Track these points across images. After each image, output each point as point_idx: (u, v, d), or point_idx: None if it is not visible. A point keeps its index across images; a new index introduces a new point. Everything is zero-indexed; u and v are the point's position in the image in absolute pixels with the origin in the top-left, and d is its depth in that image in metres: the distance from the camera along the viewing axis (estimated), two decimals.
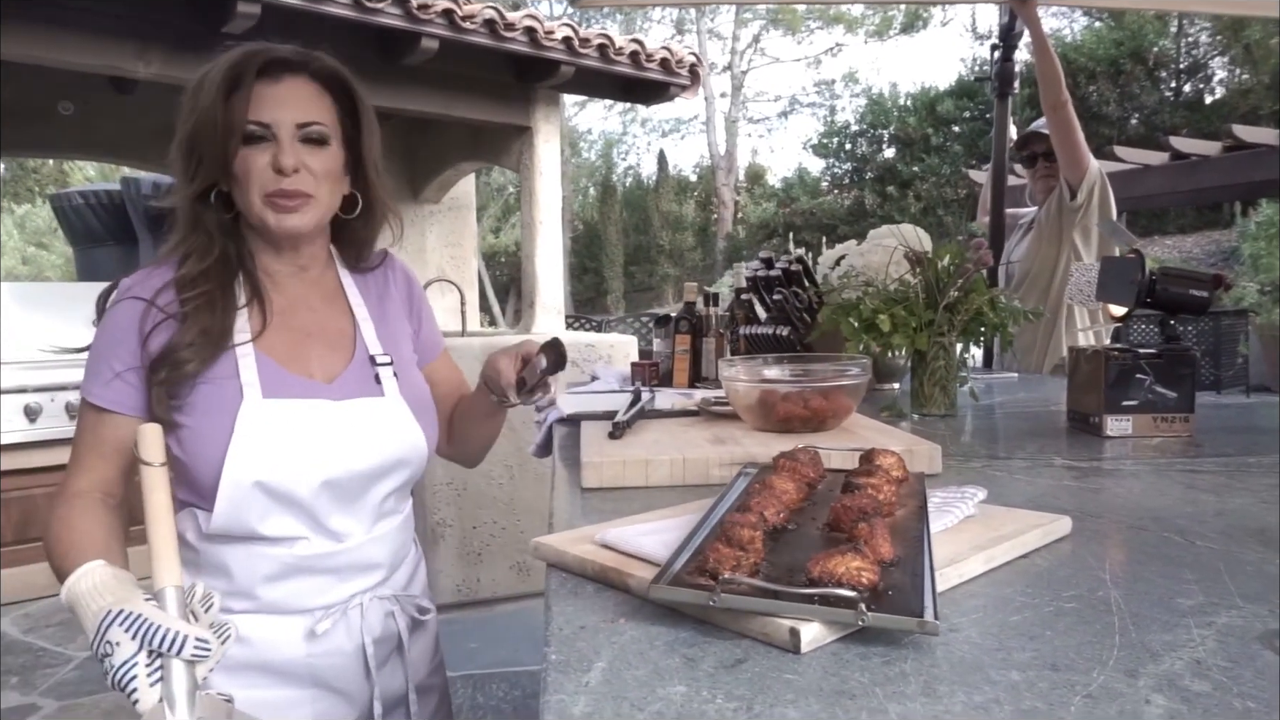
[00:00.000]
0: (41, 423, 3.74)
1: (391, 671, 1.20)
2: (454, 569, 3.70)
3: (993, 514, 0.88)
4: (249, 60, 1.06)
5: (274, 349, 1.11)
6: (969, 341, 1.74)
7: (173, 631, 0.80)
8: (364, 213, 1.19)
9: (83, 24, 3.26)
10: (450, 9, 3.74)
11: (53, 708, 2.86)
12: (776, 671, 0.57)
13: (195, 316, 1.06)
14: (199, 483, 1.06)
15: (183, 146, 1.07)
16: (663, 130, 27.24)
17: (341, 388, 1.12)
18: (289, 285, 1.17)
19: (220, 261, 1.10)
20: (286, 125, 1.06)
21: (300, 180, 1.07)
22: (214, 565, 1.09)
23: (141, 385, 1.05)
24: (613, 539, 0.79)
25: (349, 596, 1.14)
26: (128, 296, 1.08)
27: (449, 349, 3.94)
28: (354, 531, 1.13)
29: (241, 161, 1.06)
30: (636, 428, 1.41)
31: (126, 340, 1.06)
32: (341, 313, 1.20)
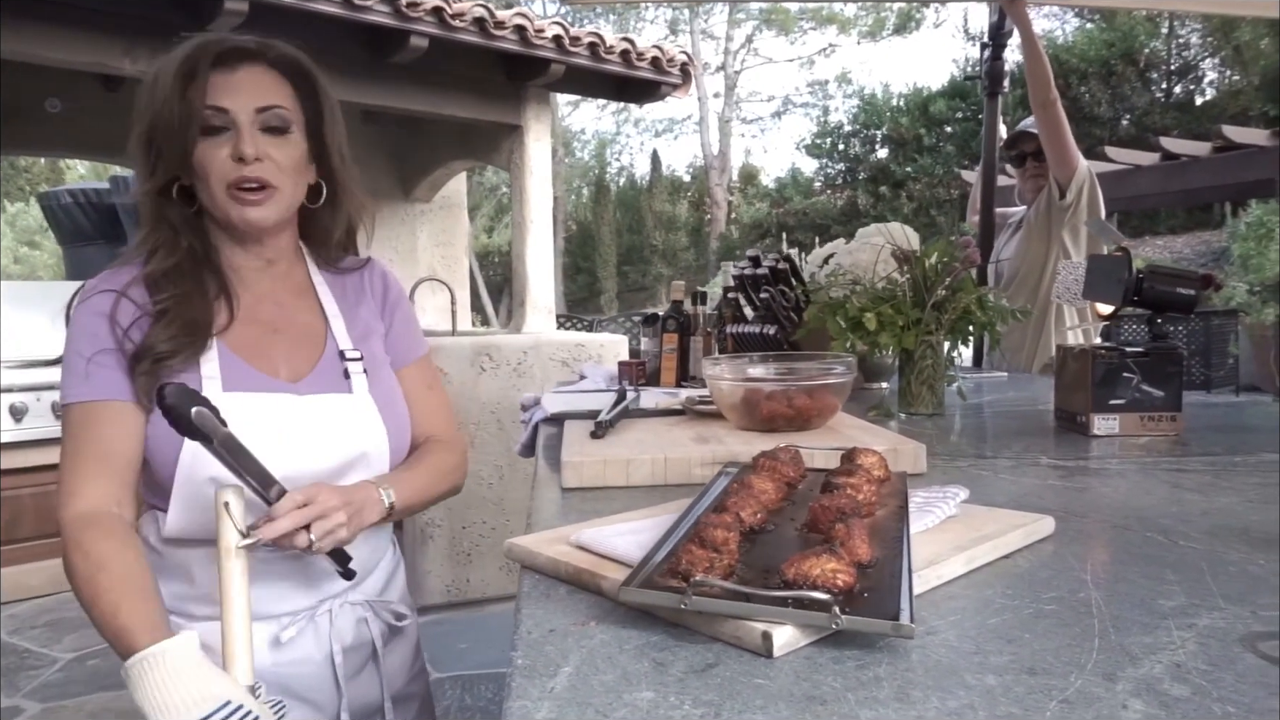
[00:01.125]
0: (27, 423, 3.71)
1: (366, 681, 1.17)
2: (443, 569, 3.68)
3: (975, 514, 0.87)
4: (204, 50, 1.04)
5: (238, 344, 1.09)
6: (957, 340, 1.73)
7: None
8: (329, 202, 1.16)
9: (69, 20, 3.24)
10: (440, 6, 3.72)
11: (36, 710, 2.83)
12: (747, 676, 0.56)
13: (176, 311, 1.03)
14: (160, 483, 1.03)
15: (141, 141, 1.05)
16: (656, 130, 27.23)
17: (308, 384, 1.10)
18: (256, 280, 1.14)
19: (188, 256, 1.08)
20: (245, 111, 1.04)
21: (262, 169, 1.04)
22: (176, 569, 1.07)
23: (120, 367, 1.02)
24: (587, 540, 0.78)
25: (317, 602, 1.11)
26: (96, 292, 1.05)
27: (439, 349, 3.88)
28: None
29: (201, 154, 1.03)
30: (620, 427, 1.39)
31: (98, 330, 1.03)
32: (311, 309, 1.17)
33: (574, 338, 4.10)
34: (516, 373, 3.80)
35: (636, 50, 4.47)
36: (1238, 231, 9.04)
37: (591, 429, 1.32)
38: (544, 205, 4.68)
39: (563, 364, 3.89)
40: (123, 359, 1.02)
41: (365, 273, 1.25)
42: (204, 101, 1.02)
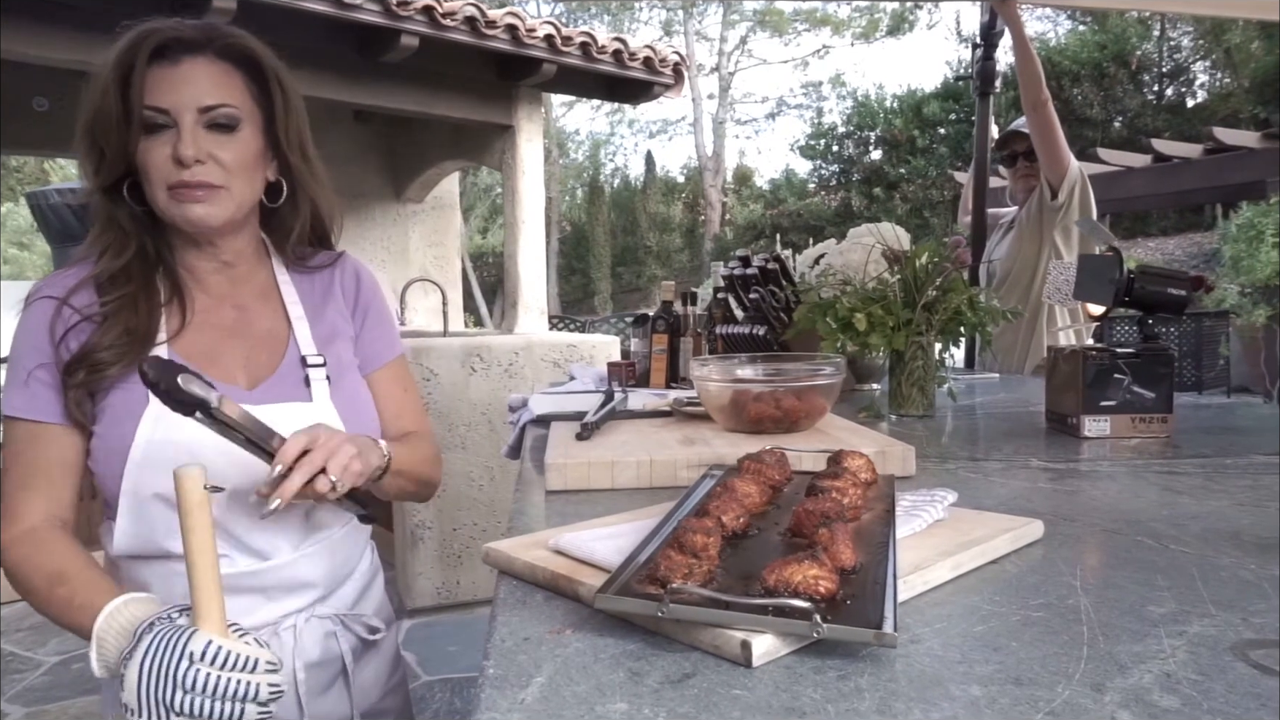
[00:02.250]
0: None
1: (336, 698, 1.12)
2: (434, 572, 3.66)
3: (963, 518, 0.86)
4: (141, 42, 0.97)
5: (191, 350, 1.04)
6: (948, 341, 1.72)
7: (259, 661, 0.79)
8: (289, 200, 1.11)
9: (54, 18, 3.21)
10: (431, 5, 3.70)
11: (20, 714, 2.80)
12: (725, 687, 0.54)
13: (117, 316, 0.99)
14: (108, 497, 1.00)
15: (84, 138, 1.00)
16: (650, 131, 27.30)
17: (265, 392, 1.05)
18: (213, 282, 1.09)
19: (138, 257, 1.03)
20: (188, 110, 0.97)
21: (206, 172, 0.99)
22: (133, 583, 1.03)
23: (58, 386, 0.99)
24: (566, 544, 0.76)
25: (279, 617, 1.06)
26: (39, 297, 1.01)
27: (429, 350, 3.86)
28: (279, 548, 1.05)
29: (143, 153, 0.98)
30: (606, 429, 1.38)
31: (39, 342, 0.99)
32: (274, 312, 1.12)
33: (566, 339, 4.08)
34: (508, 374, 3.78)
35: (629, 50, 4.46)
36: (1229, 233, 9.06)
37: (577, 430, 1.30)
38: (536, 206, 4.66)
39: (554, 365, 3.87)
40: (58, 376, 0.99)
41: (336, 270, 1.19)
42: (142, 100, 0.96)
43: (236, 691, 0.78)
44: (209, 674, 0.77)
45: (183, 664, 0.76)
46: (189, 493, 0.81)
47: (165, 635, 0.78)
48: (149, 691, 0.76)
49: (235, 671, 0.78)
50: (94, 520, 1.08)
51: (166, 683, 0.76)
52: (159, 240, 1.06)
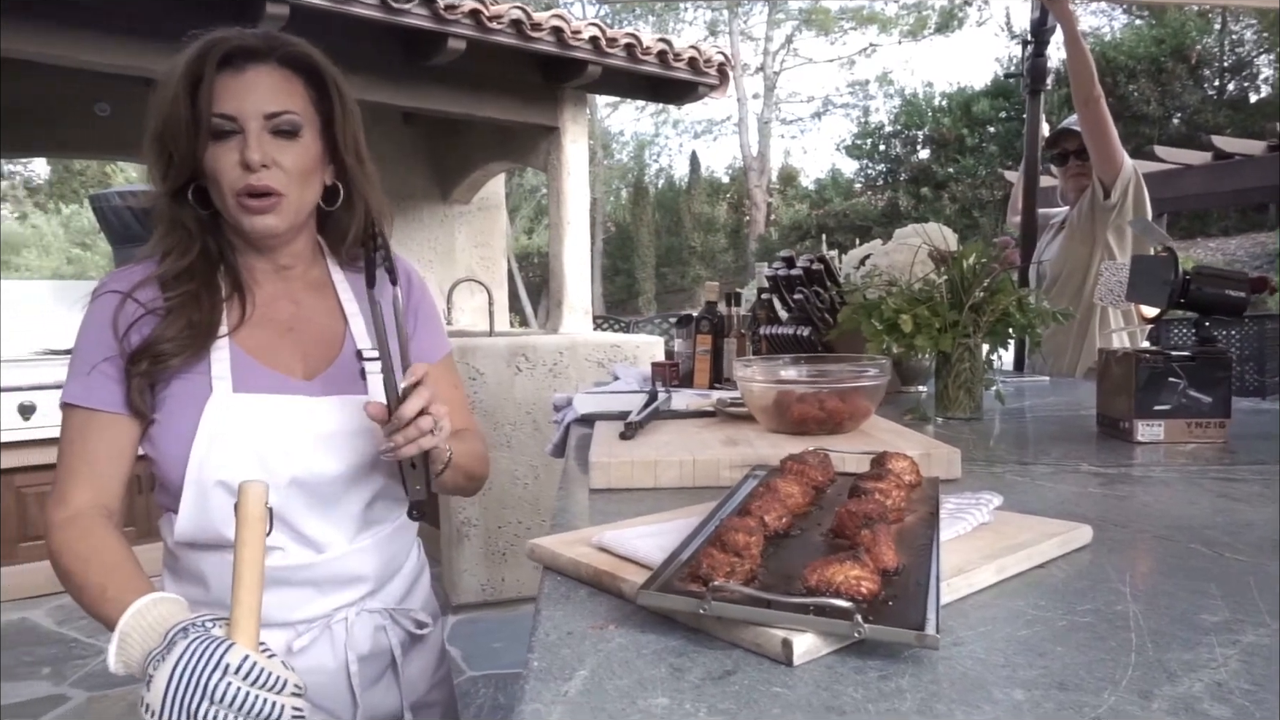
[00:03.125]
0: (36, 420, 3.80)
1: (385, 690, 1.15)
2: (478, 569, 3.70)
3: (1008, 521, 0.85)
4: (209, 50, 1.01)
5: (251, 343, 1.08)
6: (996, 343, 1.69)
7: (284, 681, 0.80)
8: (345, 203, 1.14)
9: (114, 26, 3.32)
10: (477, 9, 3.74)
11: (82, 699, 2.90)
12: (766, 684, 0.54)
13: (180, 310, 1.03)
14: (170, 484, 1.03)
15: (153, 144, 1.03)
16: (695, 132, 27.25)
17: (322, 384, 1.08)
18: (272, 281, 1.13)
19: (201, 257, 1.07)
20: (254, 117, 1.01)
21: (270, 176, 1.02)
22: (191, 573, 1.06)
23: (119, 378, 1.02)
24: (609, 541, 0.77)
25: (331, 610, 1.09)
26: (105, 291, 1.05)
27: (475, 349, 3.91)
28: (334, 541, 1.08)
29: (210, 159, 1.01)
30: (650, 428, 1.38)
31: (102, 334, 1.03)
32: (330, 309, 1.15)
33: (610, 339, 4.10)
34: (552, 373, 3.81)
35: (673, 51, 4.46)
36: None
37: (621, 430, 1.32)
38: (581, 207, 4.69)
39: (598, 365, 3.89)
40: (122, 367, 1.02)
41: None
42: (211, 107, 1.00)
43: (261, 710, 0.78)
44: (240, 688, 0.77)
45: (215, 675, 0.77)
46: (250, 506, 0.83)
47: (201, 643, 0.79)
48: (176, 697, 0.76)
49: (264, 690, 0.79)
50: (153, 513, 1.12)
51: (196, 691, 0.76)
52: (221, 240, 1.10)
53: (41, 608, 3.71)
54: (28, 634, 3.47)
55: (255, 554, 0.82)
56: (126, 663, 0.85)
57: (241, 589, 0.82)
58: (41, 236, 15.92)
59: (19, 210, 17.14)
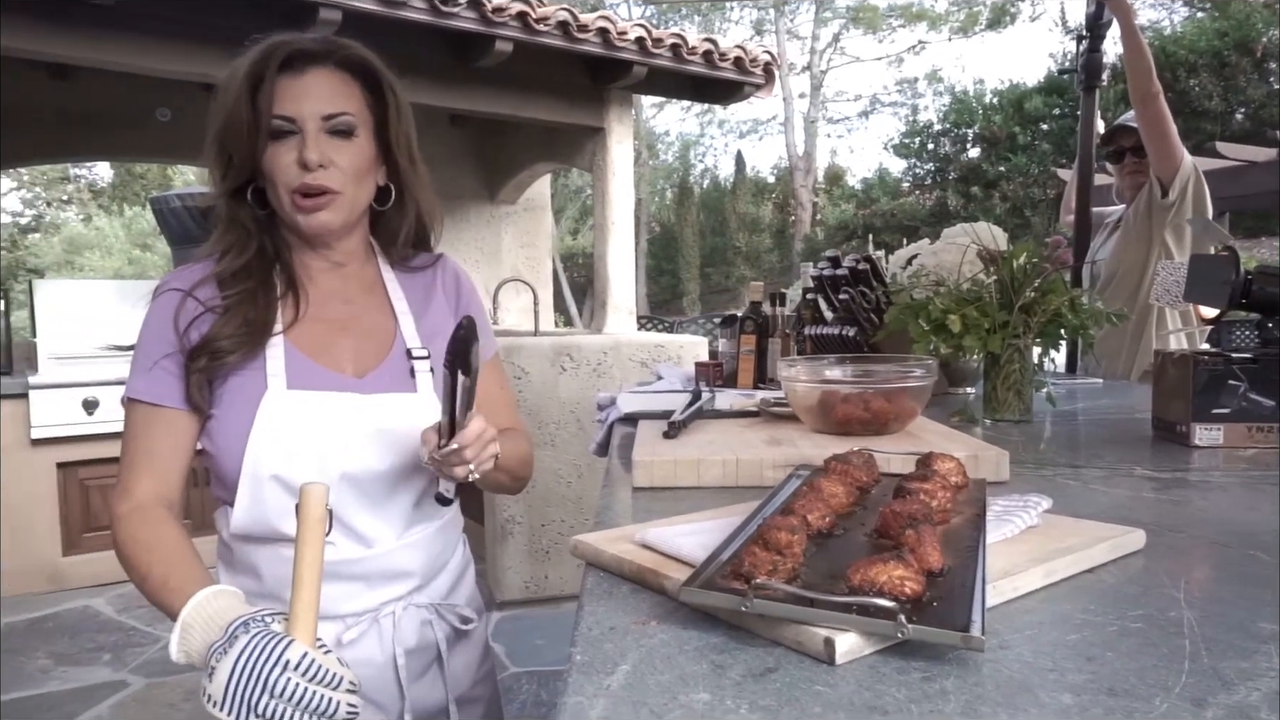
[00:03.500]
0: (99, 415, 3.93)
1: (431, 683, 1.17)
2: (522, 566, 3.73)
3: (1057, 524, 0.83)
4: (271, 54, 1.04)
5: (304, 341, 1.10)
6: (1047, 345, 1.66)
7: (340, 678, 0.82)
8: (397, 203, 1.17)
9: (174, 33, 3.41)
10: (524, 11, 3.78)
11: (141, 685, 3.00)
12: (808, 682, 0.54)
13: (238, 308, 1.06)
14: (226, 478, 1.06)
15: (214, 145, 1.07)
16: (740, 131, 27.12)
17: (373, 382, 1.10)
18: (325, 279, 1.15)
19: (258, 256, 1.10)
20: (312, 118, 1.04)
21: (326, 176, 1.05)
22: (245, 565, 1.09)
23: (180, 374, 1.05)
24: (652, 539, 0.77)
25: (379, 604, 1.11)
26: (166, 289, 1.09)
27: (520, 349, 3.95)
28: (383, 537, 1.10)
29: (269, 158, 1.05)
30: (693, 428, 1.39)
31: (163, 331, 1.06)
32: (381, 307, 1.18)
33: (653, 339, 4.11)
34: (596, 373, 3.83)
35: (719, 50, 4.45)
36: None
37: (664, 429, 1.32)
38: (626, 207, 4.70)
39: (642, 365, 3.90)
40: (182, 363, 1.05)
41: (437, 271, 1.25)
42: (271, 109, 1.03)
43: (318, 706, 0.80)
44: (298, 683, 0.79)
45: (275, 670, 0.79)
46: (311, 508, 0.85)
47: (262, 638, 0.81)
48: (237, 688, 0.79)
49: (321, 686, 0.81)
50: (208, 507, 1.15)
51: (256, 684, 0.79)
52: (277, 240, 1.13)
53: (103, 596, 3.84)
54: (90, 621, 3.59)
55: (315, 554, 0.85)
56: (188, 652, 0.88)
57: (301, 587, 0.84)
58: (104, 238, 16.44)
59: (84, 212, 17.74)
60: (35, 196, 18.00)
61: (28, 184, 17.41)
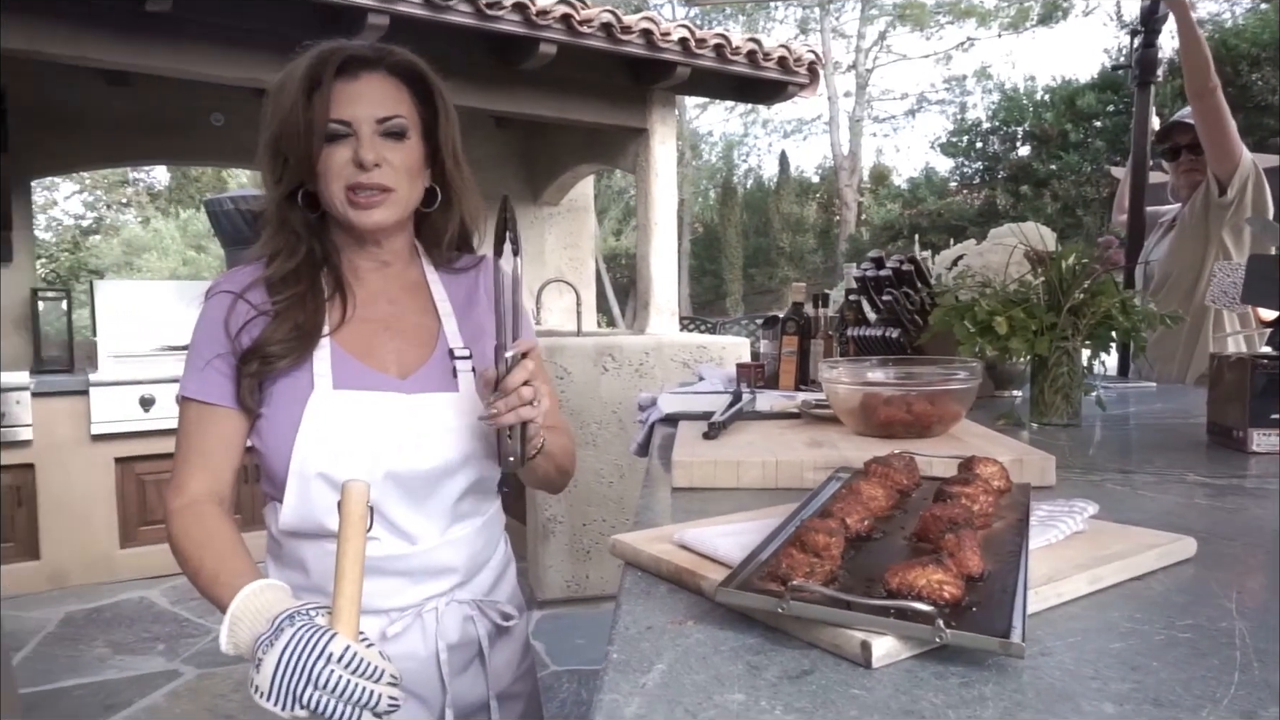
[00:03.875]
0: (155, 411, 4.04)
1: (472, 678, 1.18)
2: (563, 565, 3.76)
3: (1104, 531, 0.82)
4: (326, 60, 1.07)
5: (350, 342, 1.12)
6: (1097, 348, 1.63)
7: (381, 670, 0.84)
8: (442, 205, 1.19)
9: (227, 39, 3.50)
10: (568, 14, 3.80)
11: (193, 675, 3.08)
12: (844, 685, 0.54)
13: (288, 313, 1.08)
14: (274, 475, 1.08)
15: (269, 149, 1.10)
16: (784, 131, 26.96)
17: (416, 382, 1.12)
18: (371, 279, 1.18)
19: (307, 259, 1.12)
20: (366, 121, 1.07)
21: (380, 174, 1.08)
22: (293, 560, 1.12)
23: (231, 374, 1.08)
24: (690, 539, 0.78)
25: (422, 600, 1.13)
26: (218, 291, 1.12)
27: (562, 349, 3.98)
28: (427, 533, 1.12)
29: (325, 159, 1.07)
30: (733, 429, 1.39)
31: (215, 332, 1.09)
32: (424, 308, 1.20)
33: (695, 339, 4.11)
34: (638, 373, 3.84)
35: (763, 50, 4.43)
36: None
37: (704, 430, 1.32)
38: (668, 208, 4.70)
39: (683, 365, 3.90)
40: (234, 364, 1.08)
41: (480, 272, 1.26)
42: (328, 113, 1.06)
43: (360, 697, 0.82)
44: (341, 676, 0.82)
45: (319, 662, 0.82)
46: (352, 505, 0.87)
47: (307, 632, 0.84)
48: (283, 680, 0.82)
49: (363, 678, 0.83)
50: (258, 502, 1.18)
51: (301, 676, 0.81)
52: (326, 243, 1.16)
53: (158, 588, 3.95)
54: (145, 612, 3.70)
55: (356, 549, 0.87)
56: (236, 644, 0.90)
57: (344, 582, 0.86)
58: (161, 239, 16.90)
59: (142, 215, 18.26)
60: (96, 200, 18.59)
61: (89, 187, 17.98)
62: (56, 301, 4.31)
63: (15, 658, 3.15)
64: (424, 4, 3.50)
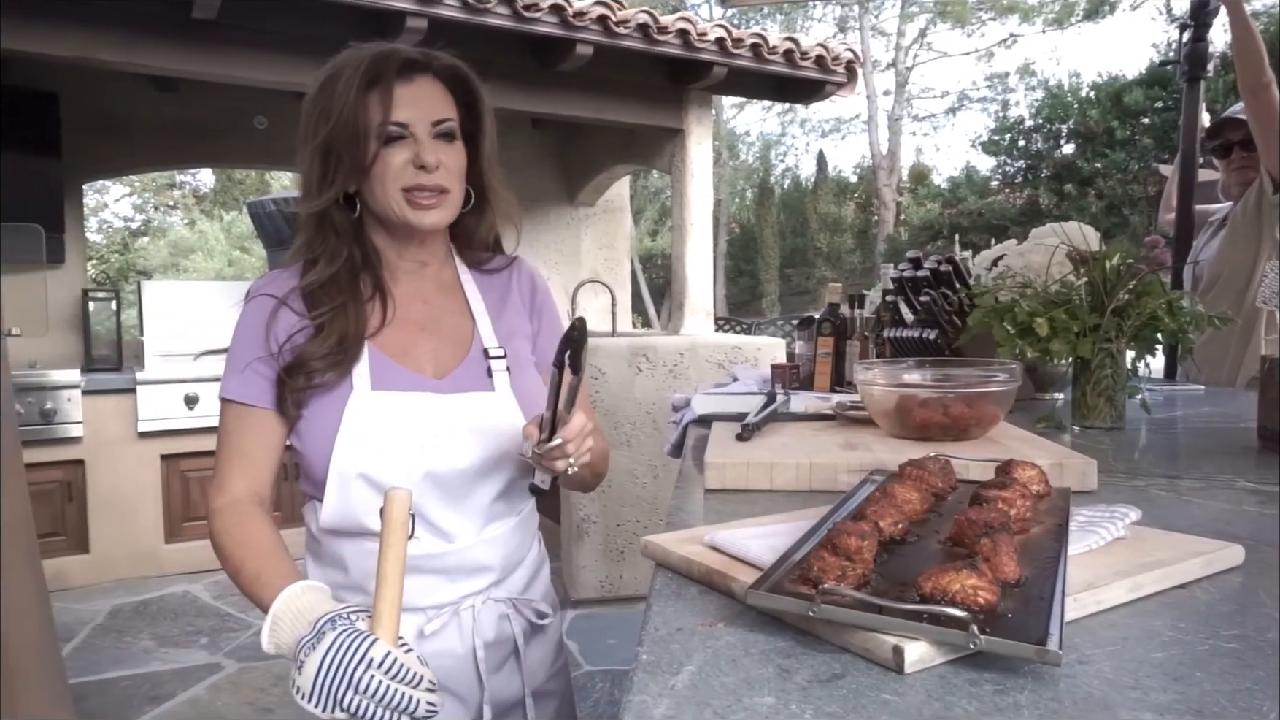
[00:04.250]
0: (199, 410, 4.12)
1: (508, 676, 1.19)
2: (597, 565, 3.76)
3: (1147, 537, 0.80)
4: (385, 62, 1.08)
5: (388, 343, 1.13)
6: (1142, 350, 1.59)
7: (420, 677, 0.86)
8: (477, 207, 1.20)
9: (269, 44, 3.57)
10: (605, 14, 3.81)
11: (234, 668, 3.14)
12: (875, 690, 0.53)
13: (332, 325, 1.09)
14: (314, 475, 1.10)
15: (320, 150, 1.09)
16: (822, 130, 26.71)
17: (452, 382, 1.13)
18: (408, 281, 1.19)
19: (347, 265, 1.13)
20: (422, 123, 1.09)
21: (439, 176, 1.09)
22: (332, 558, 1.13)
23: (271, 376, 1.09)
24: (721, 541, 0.77)
25: (459, 598, 1.14)
26: (260, 294, 1.13)
27: (597, 349, 3.98)
28: (464, 532, 1.13)
29: (381, 161, 1.08)
30: (767, 430, 1.38)
31: (256, 335, 1.11)
32: (459, 309, 1.21)
33: (730, 340, 4.09)
34: (673, 374, 3.84)
35: (800, 49, 4.40)
36: None
37: (738, 431, 1.31)
38: (704, 208, 4.69)
39: (718, 366, 3.89)
40: (274, 368, 1.09)
41: (512, 273, 1.27)
42: (390, 114, 1.07)
43: (399, 703, 0.83)
44: (381, 681, 0.83)
45: (360, 667, 0.83)
46: (394, 512, 0.88)
47: (349, 636, 0.85)
48: (324, 683, 0.83)
49: (403, 684, 0.84)
50: (297, 501, 1.20)
51: (342, 680, 0.83)
52: (365, 246, 1.17)
53: (201, 582, 4.03)
54: (189, 606, 3.78)
55: (398, 555, 0.88)
56: (278, 644, 0.92)
57: (384, 586, 0.87)
58: (207, 241, 17.26)
59: (188, 217, 18.67)
60: (145, 202, 19.05)
61: (138, 190, 18.42)
62: (106, 302, 4.42)
63: (65, 649, 3.23)
64: (462, 6, 3.53)
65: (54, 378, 3.87)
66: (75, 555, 3.98)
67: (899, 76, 24.02)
